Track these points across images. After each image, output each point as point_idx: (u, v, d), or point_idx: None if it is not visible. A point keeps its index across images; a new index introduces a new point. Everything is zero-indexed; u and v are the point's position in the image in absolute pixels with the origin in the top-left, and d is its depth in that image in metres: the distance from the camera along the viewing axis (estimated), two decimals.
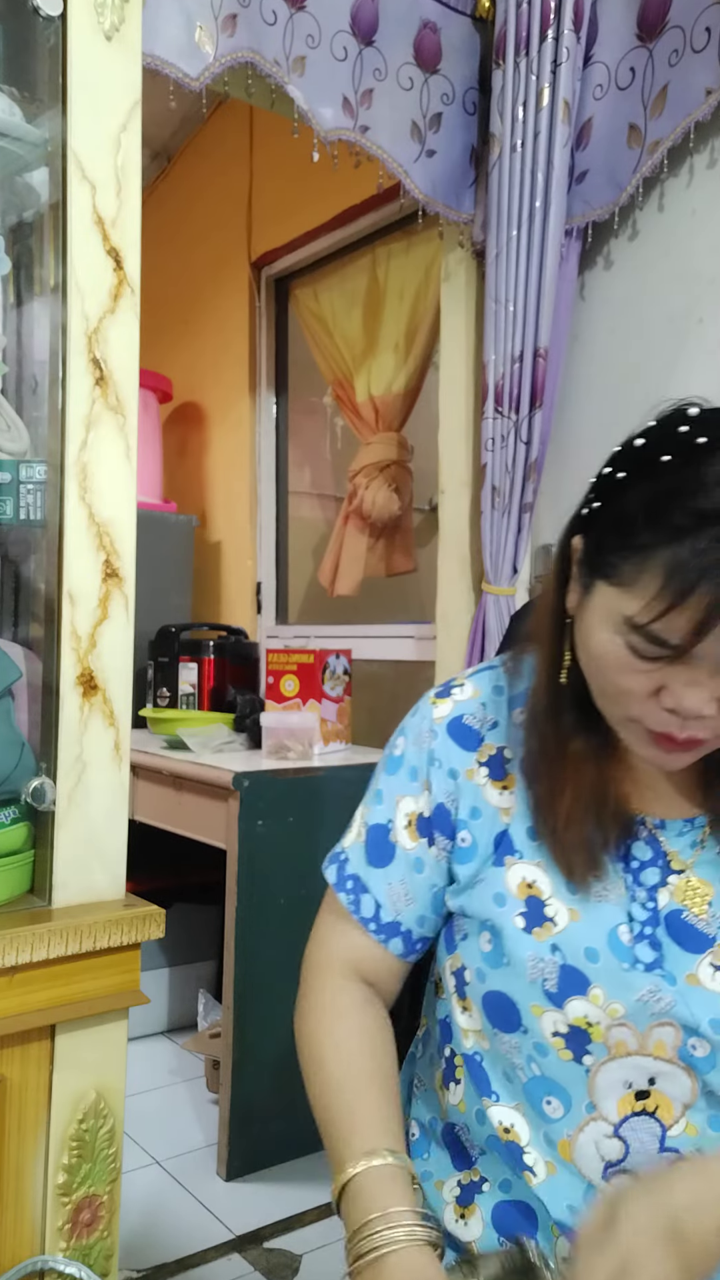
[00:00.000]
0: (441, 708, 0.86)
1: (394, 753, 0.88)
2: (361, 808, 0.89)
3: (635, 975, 0.73)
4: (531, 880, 0.77)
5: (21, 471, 1.04)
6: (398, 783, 0.86)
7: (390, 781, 0.87)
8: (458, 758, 0.83)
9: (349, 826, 0.90)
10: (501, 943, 0.76)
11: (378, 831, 0.86)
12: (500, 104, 1.86)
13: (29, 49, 1.05)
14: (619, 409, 1.94)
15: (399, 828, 0.84)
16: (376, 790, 0.88)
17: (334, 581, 2.80)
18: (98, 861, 1.05)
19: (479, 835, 0.80)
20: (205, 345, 3.31)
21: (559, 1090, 0.75)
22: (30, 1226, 1.00)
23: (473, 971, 0.79)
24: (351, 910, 0.85)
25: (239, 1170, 1.89)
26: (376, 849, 0.85)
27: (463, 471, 2.09)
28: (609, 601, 0.68)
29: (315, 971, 0.87)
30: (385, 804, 0.86)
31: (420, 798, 0.84)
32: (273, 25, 1.68)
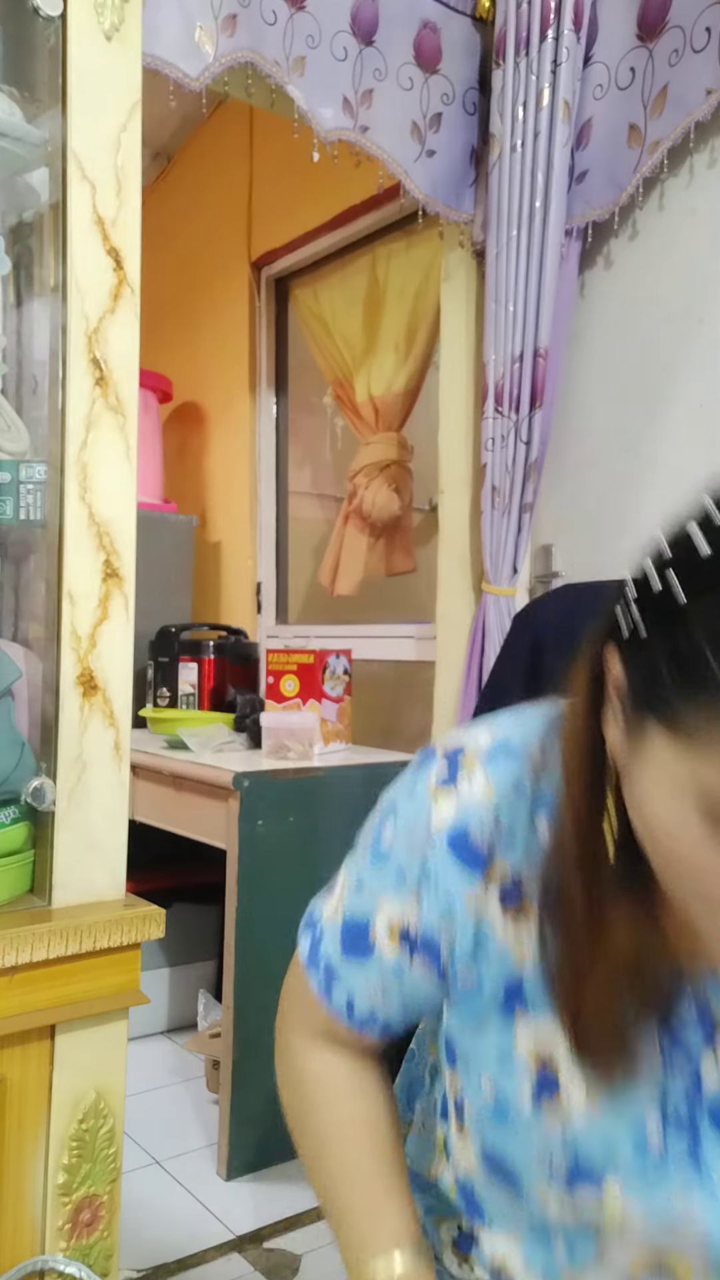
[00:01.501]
0: (444, 808, 0.66)
1: (380, 840, 0.70)
2: (343, 878, 0.74)
3: (663, 1172, 0.61)
4: (545, 1053, 0.63)
5: (21, 471, 1.04)
6: (382, 880, 0.69)
7: (373, 874, 0.70)
8: (457, 882, 0.64)
9: (331, 885, 0.75)
10: (506, 1106, 0.65)
11: (355, 926, 0.71)
12: (500, 104, 1.86)
13: (29, 49, 1.05)
14: (619, 409, 1.94)
15: (379, 930, 0.69)
16: (357, 877, 0.72)
17: (334, 581, 2.80)
18: (98, 861, 1.05)
19: (485, 976, 0.65)
20: (205, 345, 3.31)
21: (566, 1237, 0.67)
22: (30, 1226, 1.00)
23: (472, 1112, 0.69)
24: (322, 997, 0.74)
25: (239, 1170, 1.89)
26: (352, 942, 0.71)
27: (463, 471, 2.09)
28: (673, 759, 0.51)
29: (293, 1032, 0.79)
30: (365, 897, 0.70)
31: (408, 906, 0.67)
32: (273, 25, 1.68)
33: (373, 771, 2.07)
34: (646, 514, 1.88)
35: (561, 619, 1.44)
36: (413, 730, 2.36)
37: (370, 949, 0.70)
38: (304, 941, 0.76)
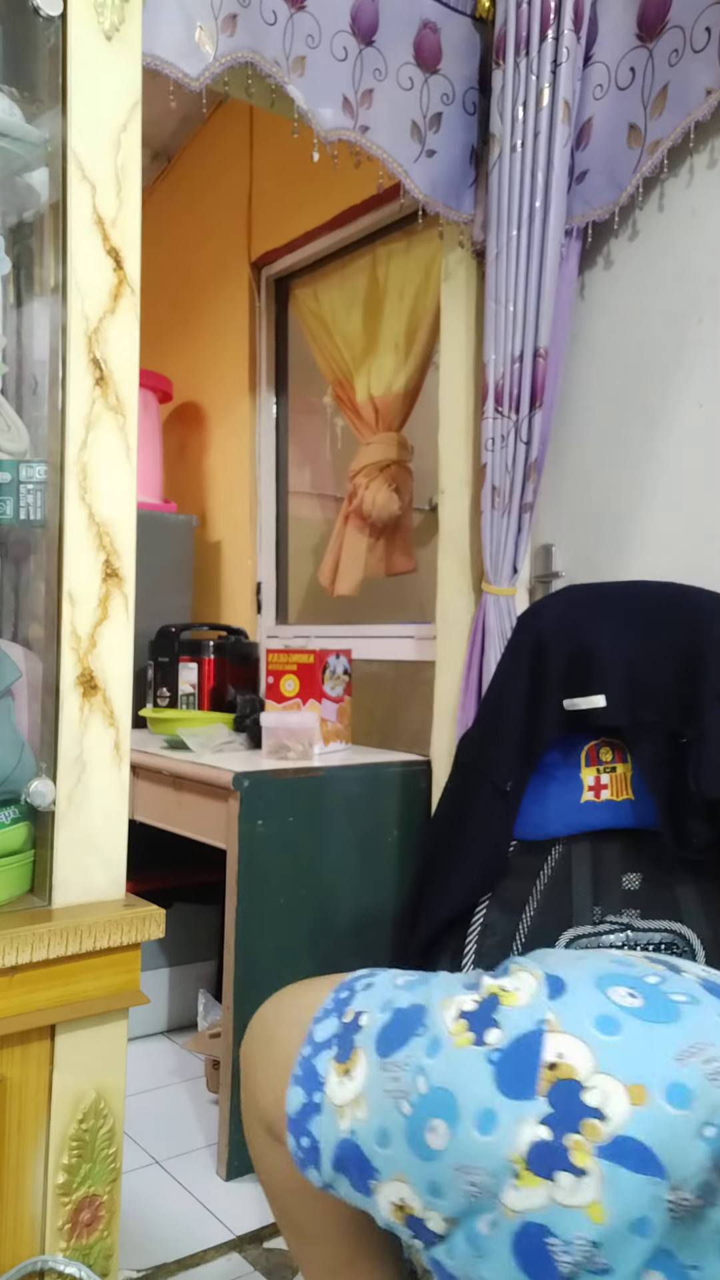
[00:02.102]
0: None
1: (425, 1134, 0.66)
2: (365, 1077, 0.68)
3: None
4: None
5: (21, 471, 1.04)
6: (408, 1158, 0.65)
7: (403, 1144, 0.66)
8: None
9: (351, 1053, 0.70)
10: None
11: (359, 1158, 0.67)
12: (500, 104, 1.86)
13: (29, 49, 1.05)
14: (619, 409, 1.94)
15: (383, 1192, 0.66)
16: (386, 1125, 0.66)
17: (334, 581, 2.80)
18: (98, 861, 1.05)
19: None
20: (205, 345, 3.31)
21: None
22: (30, 1226, 1.00)
23: None
24: (293, 1158, 0.71)
25: (239, 1170, 1.89)
26: (351, 1166, 0.67)
27: (463, 471, 2.08)
28: None
29: (251, 1119, 0.76)
30: (381, 1159, 0.65)
31: (422, 1198, 0.65)
32: (273, 25, 1.68)
33: (373, 771, 2.07)
34: (646, 514, 1.89)
35: (563, 619, 1.44)
36: (413, 730, 2.36)
37: (365, 1189, 0.67)
38: (295, 1097, 0.71)
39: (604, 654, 1.38)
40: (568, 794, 1.42)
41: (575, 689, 1.39)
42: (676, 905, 1.34)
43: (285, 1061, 0.73)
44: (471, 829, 1.44)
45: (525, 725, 1.41)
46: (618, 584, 1.49)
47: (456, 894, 1.43)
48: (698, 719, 1.31)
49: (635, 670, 1.37)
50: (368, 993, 0.75)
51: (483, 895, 1.41)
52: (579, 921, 1.35)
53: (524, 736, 1.42)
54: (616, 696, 1.37)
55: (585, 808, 1.41)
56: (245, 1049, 0.79)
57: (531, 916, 1.38)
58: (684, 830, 1.32)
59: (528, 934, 1.36)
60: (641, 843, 1.40)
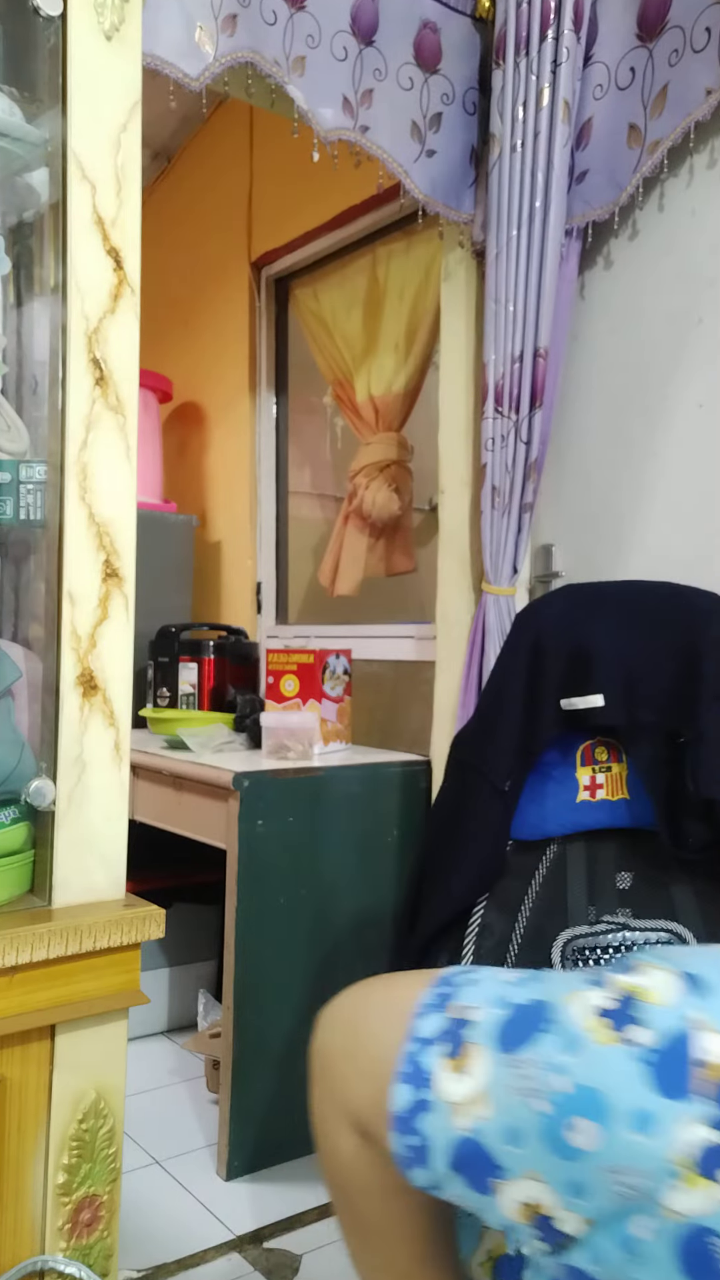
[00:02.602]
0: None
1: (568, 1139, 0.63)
2: (487, 1074, 0.66)
3: None
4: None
5: (21, 471, 1.04)
6: (544, 1158, 0.63)
7: (538, 1142, 0.64)
8: None
9: (462, 1050, 0.68)
10: None
11: (484, 1160, 0.65)
12: (500, 104, 1.86)
13: (29, 49, 1.05)
14: (619, 409, 1.94)
15: (510, 1192, 0.64)
16: (516, 1122, 0.64)
17: (334, 581, 2.81)
18: (98, 861, 1.05)
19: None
20: (205, 345, 3.31)
21: None
22: (30, 1226, 1.00)
23: None
24: (397, 1160, 0.68)
25: (239, 1170, 1.89)
26: (471, 1167, 0.66)
27: (463, 471, 2.09)
28: None
29: (333, 1118, 0.72)
30: (515, 1148, 0.64)
31: (558, 1199, 0.63)
32: (273, 25, 1.68)
33: (373, 771, 2.07)
34: (646, 514, 1.89)
35: (561, 618, 1.44)
36: (413, 730, 2.36)
37: (486, 1190, 0.65)
38: (403, 1096, 0.68)
39: (602, 653, 1.38)
40: (564, 794, 1.42)
41: (573, 688, 1.39)
42: (672, 905, 1.34)
43: (381, 1057, 0.71)
44: (470, 828, 1.44)
45: (523, 724, 1.41)
46: (615, 583, 1.49)
47: (456, 894, 1.43)
48: (695, 719, 1.31)
49: (633, 670, 1.37)
50: (473, 988, 0.72)
51: (481, 895, 1.41)
52: (575, 922, 1.35)
53: (522, 736, 1.42)
54: (615, 696, 1.37)
55: (581, 807, 1.41)
56: (324, 1043, 0.76)
57: (527, 917, 1.38)
58: (681, 830, 1.32)
59: (524, 934, 1.36)
60: (636, 842, 1.40)
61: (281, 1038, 1.91)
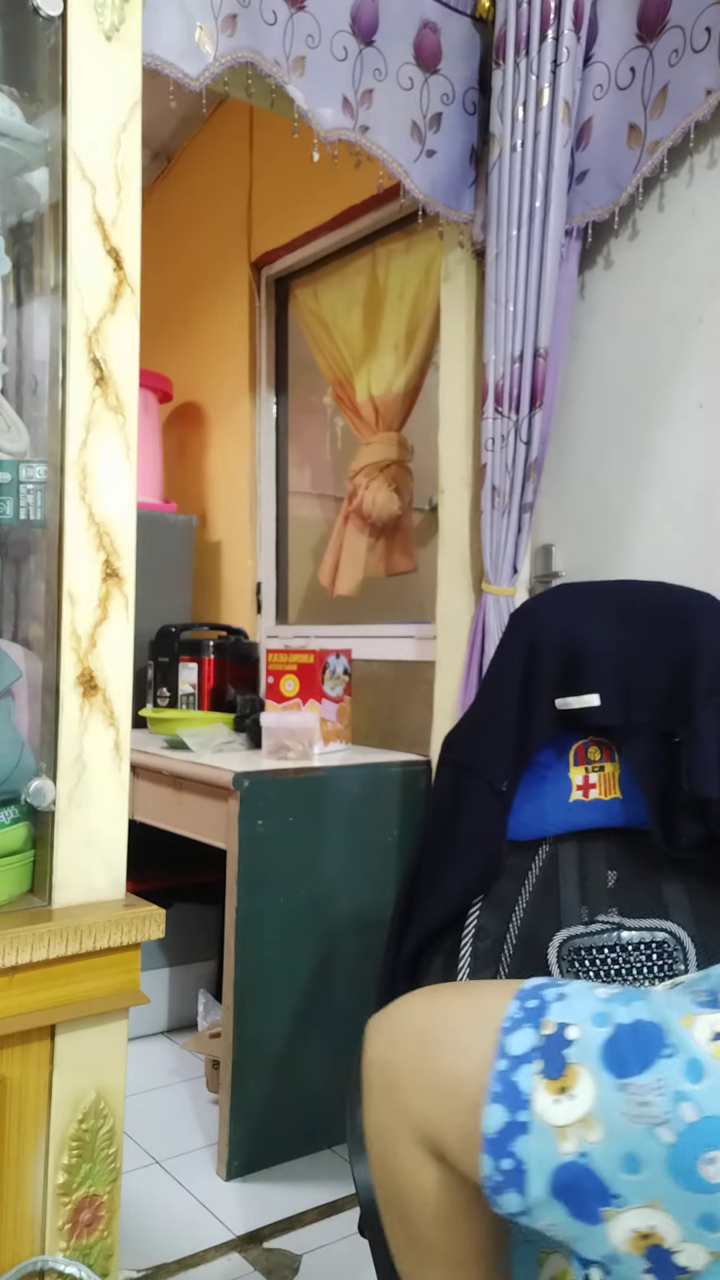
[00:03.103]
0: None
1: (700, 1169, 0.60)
2: (593, 1099, 0.62)
3: None
4: None
5: (21, 471, 1.04)
6: (665, 1184, 0.60)
7: (660, 1169, 0.60)
8: None
9: (564, 1069, 0.64)
10: None
11: (592, 1185, 0.62)
12: (500, 104, 1.86)
13: (29, 49, 1.05)
14: (619, 409, 1.94)
15: (623, 1222, 0.61)
16: (631, 1147, 0.61)
17: (334, 581, 2.81)
18: (98, 861, 1.05)
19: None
20: (205, 345, 3.31)
21: None
22: (30, 1226, 1.00)
23: None
24: (485, 1186, 0.64)
25: (239, 1170, 1.89)
26: (575, 1196, 0.62)
27: (463, 471, 2.09)
28: None
29: (399, 1130, 0.68)
30: (631, 1174, 0.61)
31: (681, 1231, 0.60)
32: (273, 25, 1.68)
33: (373, 771, 2.07)
34: (646, 514, 1.89)
35: (557, 617, 1.44)
36: (413, 730, 2.36)
37: (593, 1218, 0.60)
38: (495, 1116, 0.63)
39: (597, 653, 1.38)
40: (558, 793, 1.42)
41: (568, 688, 1.39)
42: (664, 903, 1.34)
43: (466, 1075, 0.66)
44: (469, 829, 1.44)
45: (518, 725, 1.41)
46: (610, 583, 1.49)
47: (455, 895, 1.43)
48: (690, 719, 1.31)
49: (628, 670, 1.37)
50: (565, 1003, 0.69)
51: (477, 897, 1.41)
52: (569, 922, 1.35)
53: (518, 736, 1.41)
54: (610, 696, 1.37)
55: (574, 807, 1.41)
56: (388, 1056, 0.70)
57: (521, 918, 1.37)
58: (674, 829, 1.32)
59: (518, 935, 1.36)
60: (629, 841, 1.40)
61: (281, 1038, 1.91)
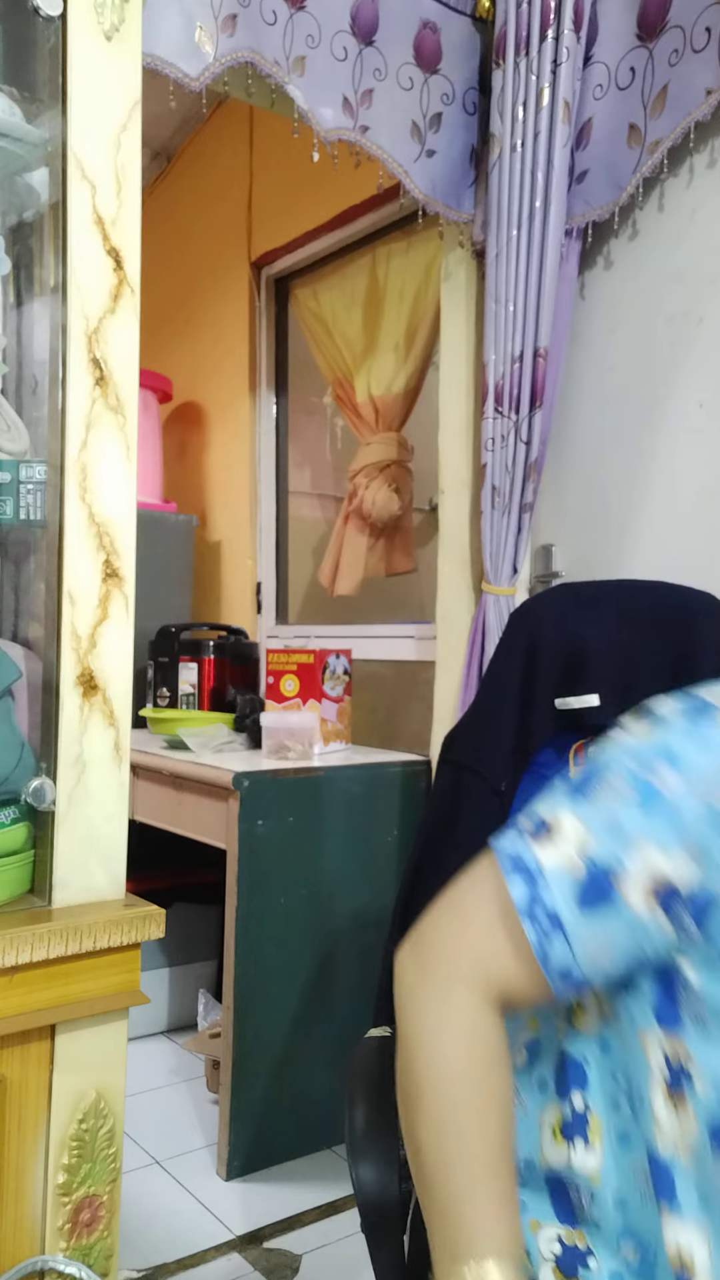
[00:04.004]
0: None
1: (653, 783, 0.67)
2: (577, 823, 0.69)
3: None
4: None
5: (21, 471, 1.04)
6: (650, 826, 0.66)
7: (640, 819, 0.66)
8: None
9: (542, 829, 0.71)
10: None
11: (602, 874, 0.67)
12: (500, 104, 1.86)
13: (29, 49, 1.05)
14: (619, 409, 1.94)
15: (633, 880, 0.66)
16: (615, 819, 0.68)
17: (334, 581, 2.81)
18: (98, 861, 1.05)
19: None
20: (205, 345, 3.31)
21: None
22: (30, 1226, 1.00)
23: (707, 1081, 0.66)
24: (536, 950, 0.68)
25: (239, 1170, 1.89)
26: (594, 891, 0.67)
27: (463, 471, 2.08)
28: None
29: (454, 983, 0.70)
30: (622, 843, 0.67)
31: (677, 862, 0.65)
32: (273, 25, 1.68)
33: (373, 771, 2.07)
34: (646, 514, 1.89)
35: (556, 617, 1.43)
36: (413, 730, 2.36)
37: (613, 900, 0.67)
38: (517, 887, 0.69)
39: (597, 653, 1.38)
40: None
41: (568, 688, 1.39)
42: None
43: (482, 906, 0.71)
44: (466, 830, 1.44)
45: (518, 724, 1.41)
46: (610, 582, 1.48)
47: None
48: None
49: (628, 669, 1.37)
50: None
51: None
52: None
53: (517, 736, 1.41)
54: (610, 696, 1.36)
55: None
56: (414, 942, 0.73)
57: None
58: None
59: None
60: None
61: (281, 1038, 1.91)
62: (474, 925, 0.71)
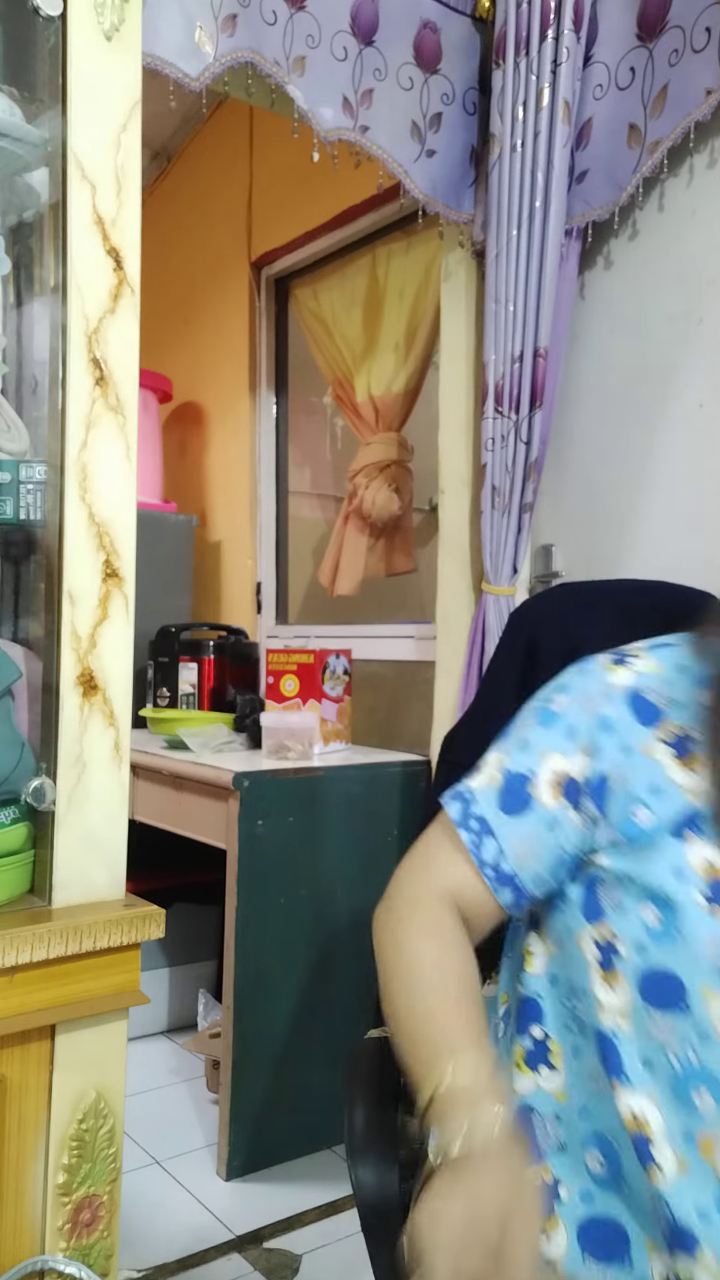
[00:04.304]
0: (619, 675, 0.80)
1: (550, 707, 0.82)
2: (497, 753, 0.83)
3: None
4: (716, 863, 0.72)
5: (21, 471, 1.04)
6: (550, 738, 0.80)
7: (541, 734, 0.81)
8: (635, 732, 0.77)
9: (477, 768, 0.84)
10: (675, 918, 0.72)
11: (516, 780, 0.80)
12: (500, 104, 1.86)
13: (29, 49, 1.05)
14: (619, 409, 1.94)
15: (541, 782, 0.79)
16: (523, 738, 0.82)
17: (334, 581, 2.81)
18: (98, 861, 1.05)
19: (660, 811, 0.75)
20: (205, 345, 3.31)
21: (715, 1083, 0.70)
22: (30, 1226, 1.00)
23: (629, 945, 0.74)
24: (471, 850, 0.80)
25: (239, 1170, 1.89)
26: (511, 796, 0.80)
27: (463, 471, 2.09)
28: None
29: (416, 896, 0.82)
30: (530, 755, 0.80)
31: (575, 760, 0.78)
32: (273, 25, 1.68)
33: (373, 771, 2.08)
34: (646, 514, 1.89)
35: (556, 617, 1.43)
36: (413, 730, 2.36)
37: (529, 802, 0.79)
38: (453, 806, 0.82)
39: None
40: None
41: None
42: None
43: (431, 841, 0.84)
44: None
45: None
46: (609, 582, 1.48)
47: None
48: None
49: None
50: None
51: None
52: None
53: None
54: None
55: None
56: (386, 894, 0.85)
57: None
58: None
59: None
60: None
61: (281, 1038, 1.91)
62: (426, 854, 0.83)
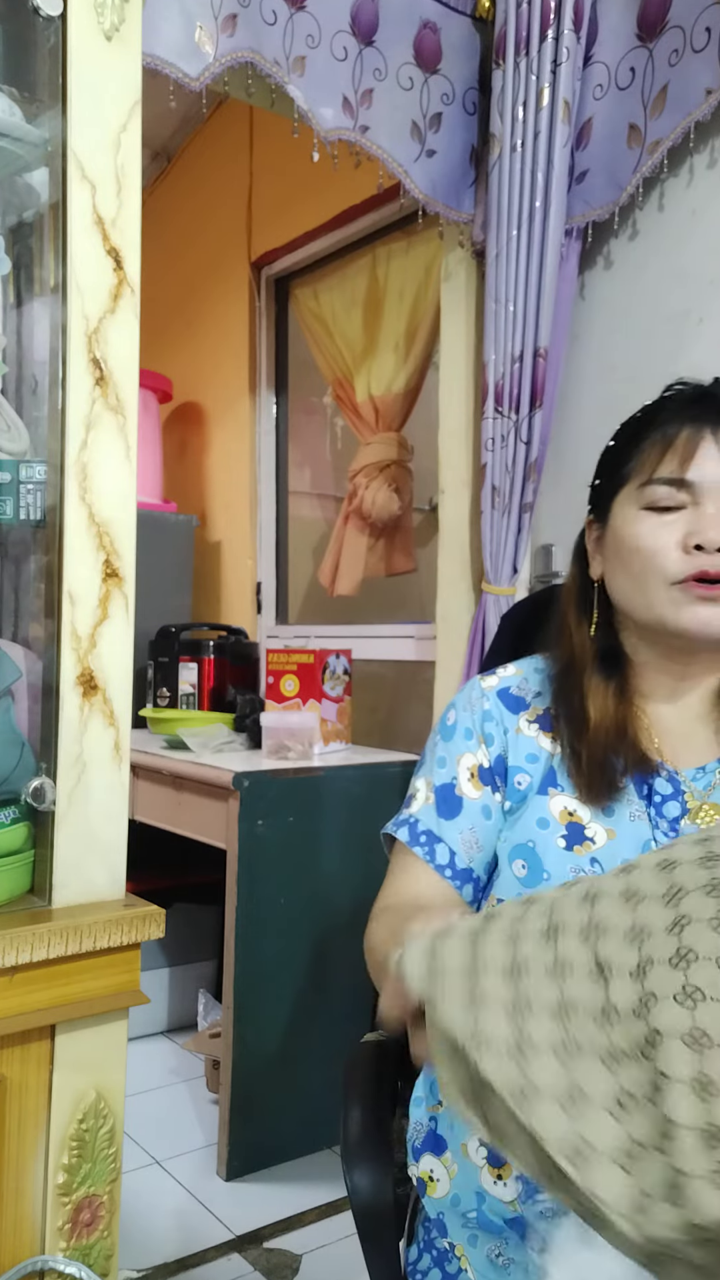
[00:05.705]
0: (489, 681, 0.97)
1: (447, 722, 0.97)
2: (422, 779, 0.96)
3: None
4: (573, 809, 0.87)
5: (21, 471, 1.04)
6: (455, 745, 0.95)
7: (448, 746, 0.95)
8: (509, 718, 0.94)
9: (409, 800, 0.96)
10: (540, 862, 0.86)
11: (445, 790, 0.93)
12: (500, 104, 1.86)
13: (29, 49, 1.05)
14: (619, 409, 1.93)
15: (463, 782, 0.93)
16: (437, 757, 0.96)
17: (334, 581, 2.81)
18: (98, 861, 1.05)
19: (534, 774, 0.91)
20: (205, 345, 3.31)
21: None
22: (30, 1226, 1.00)
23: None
24: (427, 859, 0.91)
25: (239, 1170, 1.89)
26: (446, 804, 0.93)
27: (463, 471, 2.09)
28: (625, 500, 0.88)
29: (386, 908, 0.93)
30: (447, 766, 0.94)
31: (478, 752, 0.94)
32: (273, 25, 1.68)
33: (373, 771, 2.07)
34: None
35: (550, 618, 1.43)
36: (413, 730, 2.36)
37: (460, 803, 0.92)
38: (401, 832, 0.94)
39: None
40: None
41: None
42: None
43: (395, 867, 0.96)
44: None
45: None
46: None
47: None
48: None
49: None
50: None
51: None
52: None
53: None
54: None
55: None
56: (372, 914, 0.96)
57: None
58: None
59: None
60: None
61: (281, 1038, 1.91)
62: (390, 878, 0.96)
